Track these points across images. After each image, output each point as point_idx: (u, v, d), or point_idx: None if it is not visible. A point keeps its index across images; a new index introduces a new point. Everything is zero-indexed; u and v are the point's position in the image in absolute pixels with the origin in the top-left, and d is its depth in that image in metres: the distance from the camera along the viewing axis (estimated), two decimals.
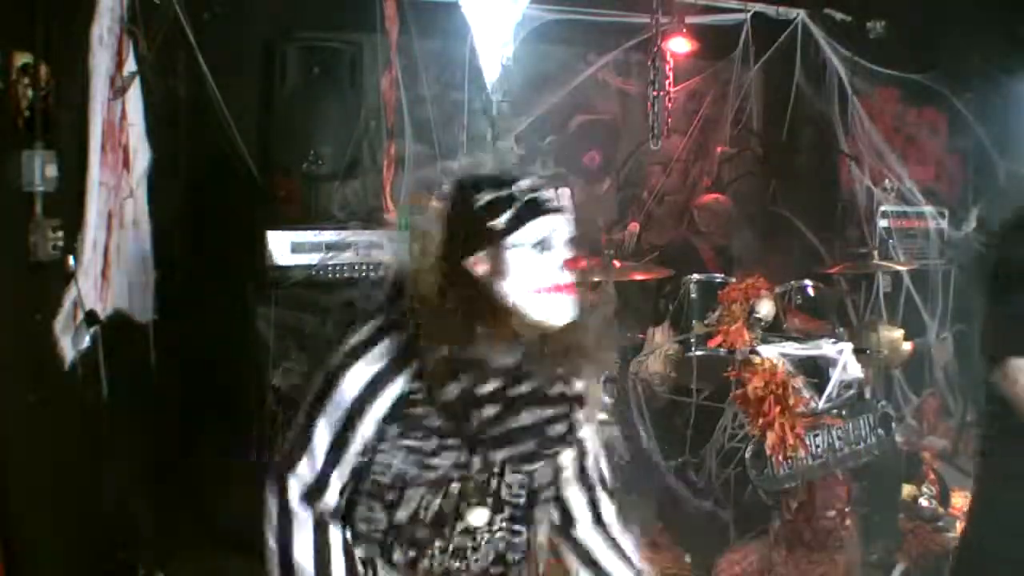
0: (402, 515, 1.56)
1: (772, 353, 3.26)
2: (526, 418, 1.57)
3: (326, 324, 3.51)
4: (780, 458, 3.03)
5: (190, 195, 3.91)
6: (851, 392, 3.40)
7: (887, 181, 5.38)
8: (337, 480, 1.54)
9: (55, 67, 2.68)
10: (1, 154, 2.55)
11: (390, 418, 1.52)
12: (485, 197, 1.52)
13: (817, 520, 3.17)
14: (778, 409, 3.04)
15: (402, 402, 1.52)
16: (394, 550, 1.58)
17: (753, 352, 3.30)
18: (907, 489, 3.97)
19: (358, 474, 1.55)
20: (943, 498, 4.11)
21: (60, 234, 2.69)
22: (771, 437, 3.01)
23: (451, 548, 1.59)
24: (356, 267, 3.79)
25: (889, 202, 5.38)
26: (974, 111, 5.48)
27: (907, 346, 4.76)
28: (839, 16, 5.25)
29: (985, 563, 2.30)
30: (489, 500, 1.59)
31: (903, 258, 5.15)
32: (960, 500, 4.34)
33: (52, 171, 2.66)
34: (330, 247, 3.86)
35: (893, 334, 4.67)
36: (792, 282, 4.14)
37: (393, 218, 3.95)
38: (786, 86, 5.31)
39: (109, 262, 3.06)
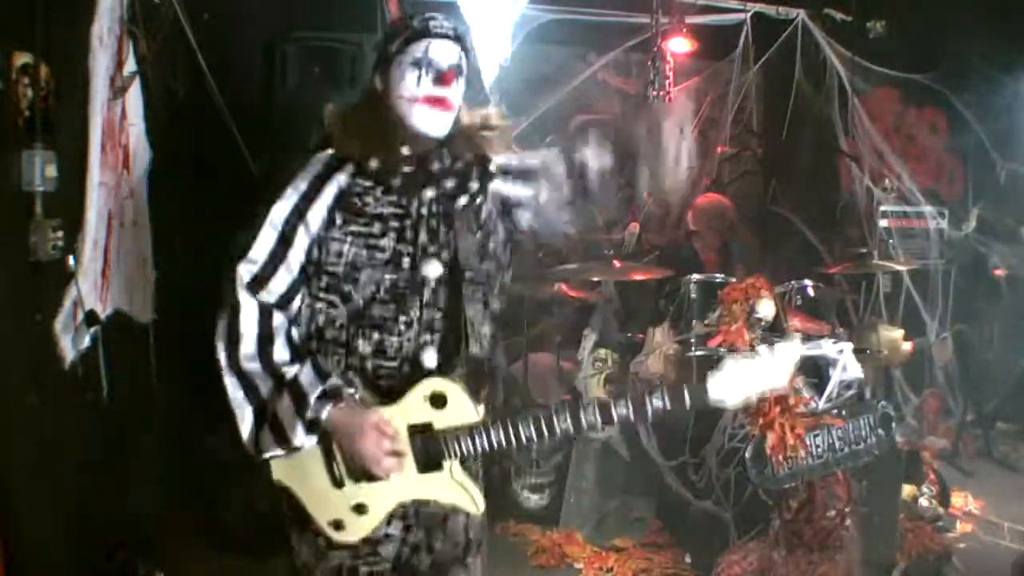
0: (359, 298, 1.78)
1: None
2: (428, 171, 1.85)
3: None
4: (780, 458, 3.03)
5: (190, 195, 3.91)
6: (851, 392, 3.39)
7: (887, 181, 5.39)
8: (285, 273, 1.79)
9: (55, 67, 2.69)
10: (1, 154, 2.55)
11: (334, 209, 1.78)
12: (389, 30, 1.90)
13: (817, 520, 3.17)
14: (778, 409, 3.04)
15: (343, 195, 1.79)
16: (358, 339, 1.80)
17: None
18: (907, 489, 3.97)
19: (311, 269, 1.80)
20: (943, 498, 4.11)
21: (60, 234, 2.69)
22: (771, 437, 3.01)
23: (417, 324, 1.80)
24: None
25: (889, 202, 5.38)
26: (974, 111, 5.49)
27: (907, 346, 4.76)
28: (839, 16, 5.25)
29: None
30: (443, 253, 1.82)
31: (903, 258, 5.14)
32: (960, 500, 4.34)
33: (52, 171, 2.66)
34: None
35: (893, 334, 4.66)
36: (792, 282, 4.14)
37: None
38: (786, 86, 5.31)
39: (109, 262, 3.06)
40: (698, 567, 3.55)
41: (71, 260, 2.78)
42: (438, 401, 1.77)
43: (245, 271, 1.79)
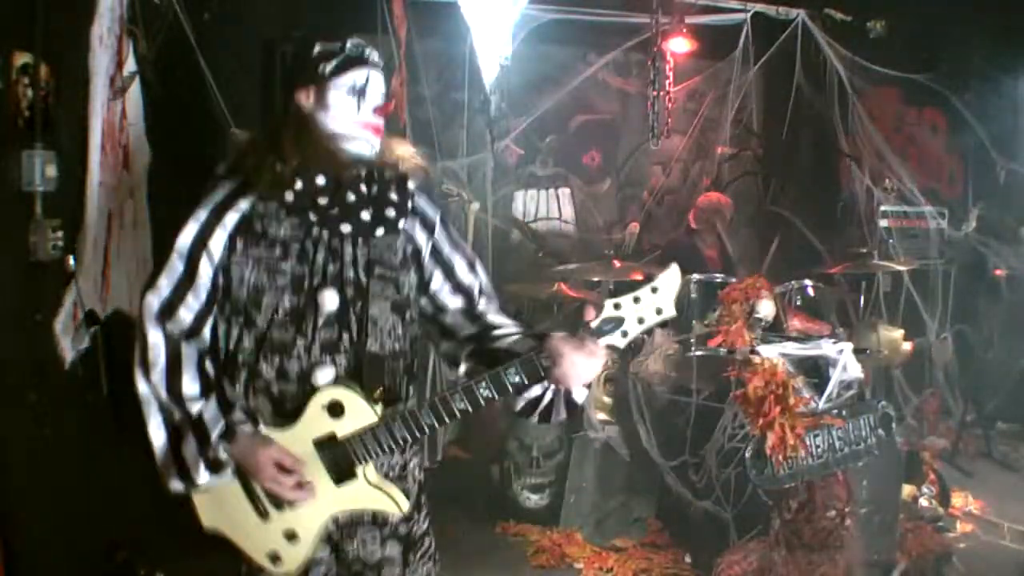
0: (262, 322, 1.78)
1: (772, 353, 3.26)
2: (360, 193, 1.83)
3: None
4: (780, 458, 3.03)
5: (190, 195, 3.90)
6: (851, 392, 3.40)
7: (887, 181, 5.39)
8: (192, 300, 1.79)
9: (55, 67, 2.69)
10: (1, 154, 2.55)
11: (235, 236, 1.79)
12: (319, 48, 1.84)
13: (817, 520, 3.17)
14: (778, 409, 3.04)
15: (245, 221, 1.79)
16: (261, 364, 1.78)
17: (753, 352, 3.29)
18: (907, 489, 3.97)
19: (218, 295, 1.80)
20: (943, 498, 4.11)
21: (60, 234, 2.69)
22: (771, 437, 3.01)
23: (316, 345, 1.77)
24: None
25: (889, 202, 5.39)
26: (974, 111, 5.49)
27: (907, 346, 4.76)
28: (839, 16, 5.25)
29: None
30: (338, 283, 1.79)
31: (903, 258, 5.15)
32: (960, 500, 4.34)
33: (52, 171, 2.67)
34: None
35: (893, 334, 4.66)
36: (792, 282, 4.14)
37: None
38: (786, 86, 5.31)
39: (109, 262, 3.05)
40: (698, 567, 3.56)
41: (71, 260, 2.78)
42: (335, 410, 1.74)
43: (154, 299, 1.80)
